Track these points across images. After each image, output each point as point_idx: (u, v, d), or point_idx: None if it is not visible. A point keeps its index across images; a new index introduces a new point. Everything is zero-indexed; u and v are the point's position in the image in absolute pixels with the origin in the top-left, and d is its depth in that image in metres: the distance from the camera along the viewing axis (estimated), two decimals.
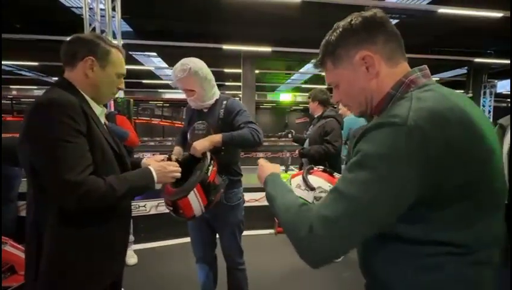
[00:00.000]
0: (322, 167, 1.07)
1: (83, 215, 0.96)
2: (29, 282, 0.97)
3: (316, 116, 2.92)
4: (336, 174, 1.06)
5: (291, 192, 0.75)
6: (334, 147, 2.61)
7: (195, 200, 1.39)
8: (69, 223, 0.95)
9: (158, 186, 1.24)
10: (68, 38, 1.06)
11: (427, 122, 0.55)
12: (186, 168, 1.52)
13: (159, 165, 1.13)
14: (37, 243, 0.95)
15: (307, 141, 2.86)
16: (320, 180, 1.00)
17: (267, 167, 0.91)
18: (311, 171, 1.05)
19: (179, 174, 1.19)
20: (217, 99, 1.72)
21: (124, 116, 2.89)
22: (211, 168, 1.48)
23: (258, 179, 0.94)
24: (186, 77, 1.57)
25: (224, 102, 1.70)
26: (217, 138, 1.55)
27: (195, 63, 1.59)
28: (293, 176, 1.07)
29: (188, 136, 1.77)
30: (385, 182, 0.55)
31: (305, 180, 0.98)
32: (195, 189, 1.38)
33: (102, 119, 1.11)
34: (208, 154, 1.53)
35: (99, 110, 1.08)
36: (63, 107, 0.90)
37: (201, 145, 1.51)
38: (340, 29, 0.70)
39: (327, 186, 0.99)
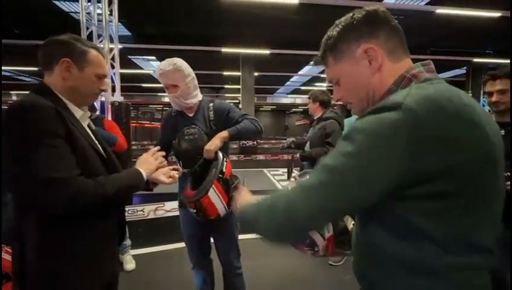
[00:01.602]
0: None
1: (62, 222, 0.90)
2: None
3: (315, 117, 2.89)
4: None
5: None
6: None
7: (216, 198, 1.44)
8: (49, 232, 0.90)
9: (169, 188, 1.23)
10: (42, 42, 1.00)
11: (422, 106, 0.53)
12: (202, 174, 1.57)
13: (139, 160, 1.14)
14: (20, 252, 0.91)
15: (308, 143, 2.83)
16: None
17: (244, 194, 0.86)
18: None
19: (155, 164, 1.17)
20: (200, 102, 1.73)
21: (112, 121, 2.83)
22: (225, 164, 1.52)
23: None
24: (172, 71, 1.59)
25: (211, 104, 1.73)
26: (224, 133, 1.59)
27: (180, 61, 1.64)
28: None
29: (176, 142, 1.70)
30: (364, 155, 0.54)
31: None
32: (214, 187, 1.43)
33: (85, 123, 1.06)
34: (219, 152, 1.56)
35: (79, 114, 1.03)
36: (35, 111, 0.86)
37: (213, 145, 1.55)
38: (342, 24, 0.69)
39: None
